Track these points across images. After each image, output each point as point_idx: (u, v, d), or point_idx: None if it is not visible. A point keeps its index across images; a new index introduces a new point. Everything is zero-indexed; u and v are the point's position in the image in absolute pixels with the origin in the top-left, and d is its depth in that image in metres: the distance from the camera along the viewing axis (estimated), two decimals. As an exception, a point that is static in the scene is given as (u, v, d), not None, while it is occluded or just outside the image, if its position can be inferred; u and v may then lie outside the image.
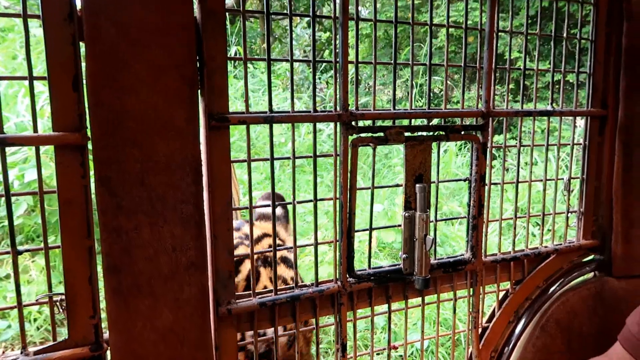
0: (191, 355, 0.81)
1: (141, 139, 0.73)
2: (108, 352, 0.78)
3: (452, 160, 4.92)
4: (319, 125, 4.85)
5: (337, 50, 0.89)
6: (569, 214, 1.17)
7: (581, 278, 1.19)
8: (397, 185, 1.05)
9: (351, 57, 0.89)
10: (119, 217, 0.74)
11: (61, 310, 0.76)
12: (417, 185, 0.97)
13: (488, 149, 1.04)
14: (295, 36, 7.75)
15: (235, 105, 4.84)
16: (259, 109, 1.21)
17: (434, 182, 1.02)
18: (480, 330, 1.12)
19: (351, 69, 0.91)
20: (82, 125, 0.71)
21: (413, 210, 0.97)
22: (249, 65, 1.57)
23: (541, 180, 1.14)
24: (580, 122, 1.23)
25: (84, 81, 0.71)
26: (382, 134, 0.94)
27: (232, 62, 4.18)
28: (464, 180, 1.06)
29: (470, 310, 1.09)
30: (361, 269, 0.98)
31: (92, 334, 0.77)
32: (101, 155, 0.72)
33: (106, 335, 0.78)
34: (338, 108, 0.90)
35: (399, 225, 0.98)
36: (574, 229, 1.19)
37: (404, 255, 0.97)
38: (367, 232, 0.99)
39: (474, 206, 1.04)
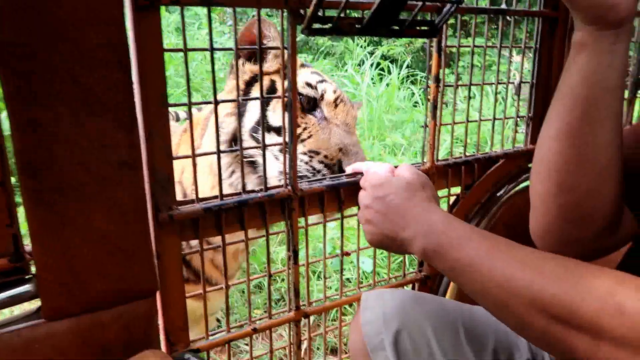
0: (130, 263, 0.74)
1: (57, 16, 0.61)
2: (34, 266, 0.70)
3: (394, 93, 4.92)
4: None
5: None
6: (518, 119, 1.17)
7: (528, 182, 1.20)
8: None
9: None
10: (34, 108, 0.63)
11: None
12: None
13: (443, 48, 1.00)
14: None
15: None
16: None
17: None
18: (431, 235, 1.12)
19: (298, -53, 0.81)
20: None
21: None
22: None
23: (493, 84, 1.12)
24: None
25: None
26: (333, 25, 0.86)
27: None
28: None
29: (422, 215, 1.08)
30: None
31: (10, 244, 0.67)
32: (5, 37, 0.59)
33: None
34: (284, -8, 0.81)
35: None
36: (523, 134, 1.19)
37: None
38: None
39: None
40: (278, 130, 1.06)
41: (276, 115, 1.06)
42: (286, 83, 0.84)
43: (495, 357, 0.89)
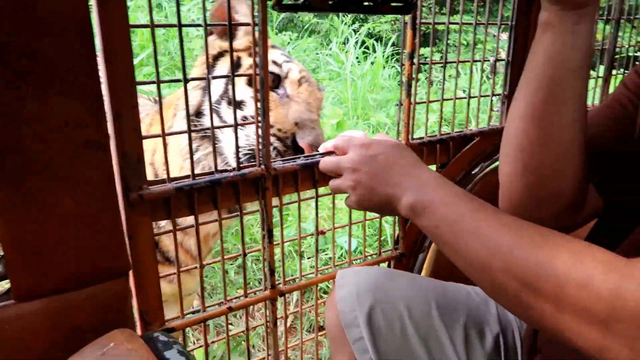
0: (100, 243, 0.73)
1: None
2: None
3: (379, 71, 4.89)
4: None
5: None
6: (494, 98, 1.17)
7: (502, 160, 1.21)
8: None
9: None
10: (-6, 86, 0.62)
11: None
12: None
13: (418, 25, 0.99)
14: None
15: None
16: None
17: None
18: (406, 213, 1.13)
19: None
20: None
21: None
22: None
23: (468, 62, 1.12)
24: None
25: None
26: (304, 0, 0.85)
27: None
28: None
29: (397, 193, 1.09)
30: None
31: (-25, 225, 0.67)
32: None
33: None
34: (254, -33, 0.80)
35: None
36: (497, 112, 1.20)
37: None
38: (292, 114, 0.93)
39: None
40: (240, 104, 1.06)
41: (238, 89, 1.05)
42: (258, 60, 0.83)
43: (466, 331, 0.91)
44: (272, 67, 1.09)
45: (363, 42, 5.31)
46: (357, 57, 5.04)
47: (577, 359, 0.75)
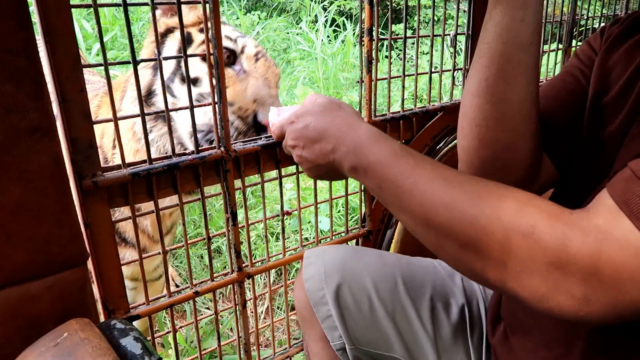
0: (54, 232, 0.71)
1: None
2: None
3: (349, 50, 4.86)
4: None
5: None
6: (455, 72, 1.17)
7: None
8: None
9: None
10: None
11: None
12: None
13: (375, 0, 0.98)
14: None
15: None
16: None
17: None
18: (372, 191, 1.13)
19: None
20: None
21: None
22: None
23: (428, 36, 1.11)
24: None
25: None
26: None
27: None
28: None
29: (362, 171, 1.08)
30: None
31: None
32: None
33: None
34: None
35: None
36: (460, 87, 1.20)
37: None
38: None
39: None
40: (194, 81, 1.03)
41: (191, 66, 1.02)
42: (210, 38, 0.80)
43: (432, 304, 0.93)
44: (226, 43, 1.06)
45: (333, 21, 5.25)
46: (327, 36, 4.98)
47: (532, 321, 0.77)
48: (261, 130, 1.04)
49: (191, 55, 0.81)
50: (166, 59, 0.81)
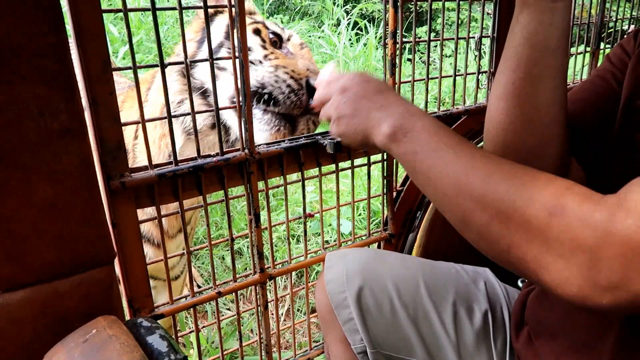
0: (82, 231, 0.73)
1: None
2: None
3: (372, 53, 4.85)
4: None
5: None
6: (480, 75, 1.16)
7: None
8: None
9: None
10: (-38, 76, 0.61)
11: None
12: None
13: (399, 3, 0.97)
14: None
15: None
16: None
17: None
18: (395, 194, 1.13)
19: None
20: None
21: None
22: None
23: (452, 39, 1.10)
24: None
25: None
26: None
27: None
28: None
29: (384, 174, 1.09)
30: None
31: (-46, 217, 0.66)
32: None
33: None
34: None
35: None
36: (484, 90, 1.19)
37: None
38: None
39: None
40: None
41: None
42: (236, 42, 0.82)
43: (455, 309, 0.92)
44: (273, 27, 1.09)
45: (356, 24, 5.25)
46: (349, 39, 4.99)
47: (559, 325, 0.76)
48: (313, 94, 1.03)
49: (218, 59, 0.82)
50: (193, 61, 0.82)
